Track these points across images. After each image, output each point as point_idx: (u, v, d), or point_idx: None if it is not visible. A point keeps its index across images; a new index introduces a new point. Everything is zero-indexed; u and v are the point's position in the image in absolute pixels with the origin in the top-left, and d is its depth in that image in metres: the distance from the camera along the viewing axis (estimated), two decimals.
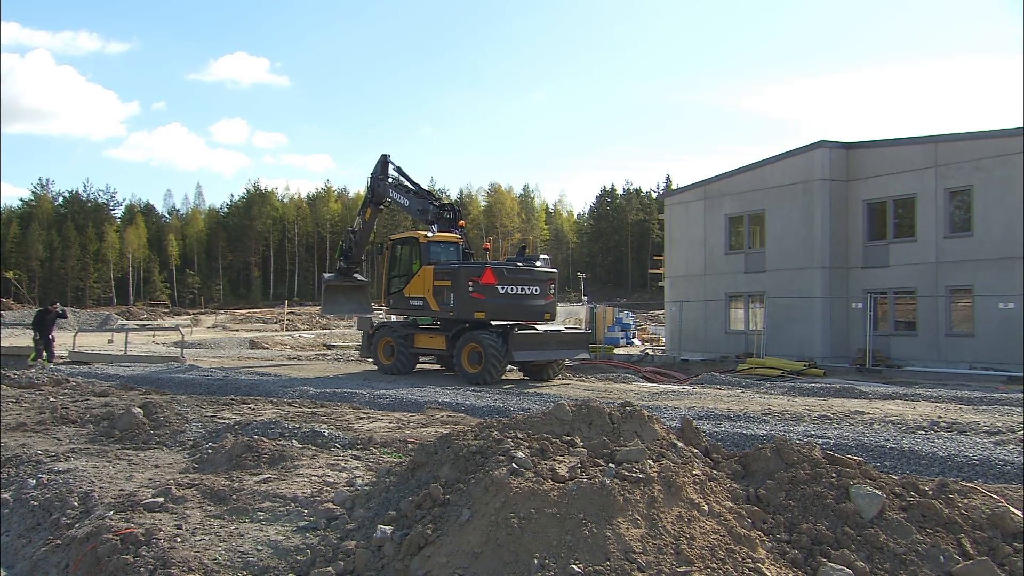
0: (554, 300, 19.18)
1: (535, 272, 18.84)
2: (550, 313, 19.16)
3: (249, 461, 7.40)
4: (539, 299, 18.70)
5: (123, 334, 32.92)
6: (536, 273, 18.84)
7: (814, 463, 5.39)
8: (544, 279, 18.90)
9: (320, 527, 5.55)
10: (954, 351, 23.73)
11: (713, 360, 27.26)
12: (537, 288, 18.71)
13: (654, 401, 14.23)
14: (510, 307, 18.49)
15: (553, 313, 19.29)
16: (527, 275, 18.66)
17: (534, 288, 18.65)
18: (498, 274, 18.26)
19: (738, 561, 4.28)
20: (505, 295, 18.28)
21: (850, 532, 4.73)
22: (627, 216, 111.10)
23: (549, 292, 18.94)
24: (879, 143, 26.56)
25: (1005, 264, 22.67)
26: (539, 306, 18.80)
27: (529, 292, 18.60)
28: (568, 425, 6.03)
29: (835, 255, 26.59)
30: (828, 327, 26.38)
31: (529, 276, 18.66)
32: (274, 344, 35.41)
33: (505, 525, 4.42)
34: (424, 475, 5.78)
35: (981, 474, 8.08)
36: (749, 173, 29.15)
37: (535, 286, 18.65)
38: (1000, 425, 10.98)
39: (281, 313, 62.54)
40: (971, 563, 4.40)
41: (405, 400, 14.01)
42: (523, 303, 18.56)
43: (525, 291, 18.54)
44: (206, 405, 12.11)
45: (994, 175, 22.99)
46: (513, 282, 18.37)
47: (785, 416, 12.20)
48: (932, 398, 15.26)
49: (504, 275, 18.31)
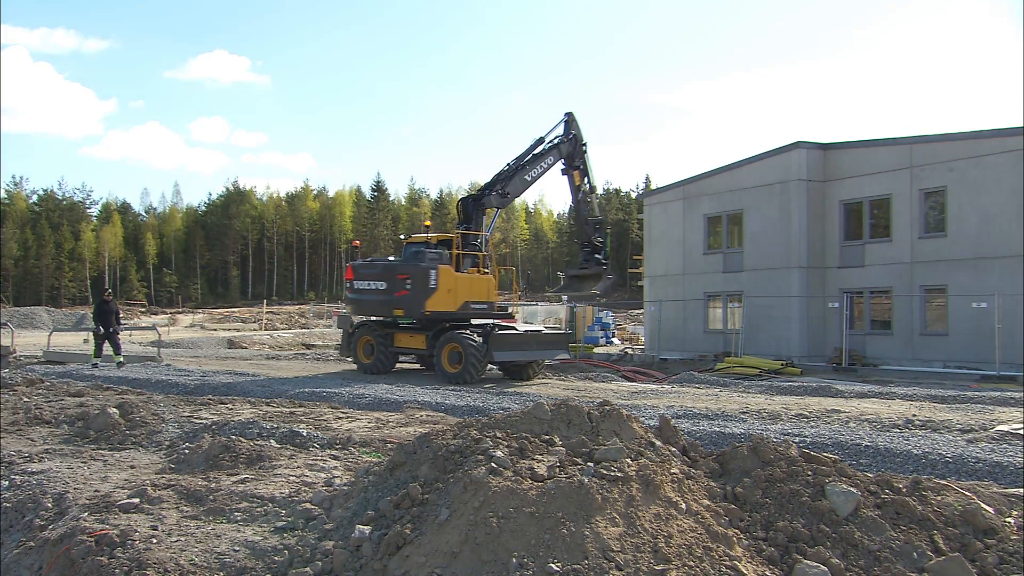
0: (410, 295, 18.30)
1: (383, 266, 19.13)
2: (403, 309, 18.54)
3: (226, 461, 7.35)
4: (386, 294, 18.55)
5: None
6: (383, 268, 19.03)
7: (790, 461, 5.43)
8: (394, 273, 18.57)
9: (298, 527, 5.52)
10: (928, 350, 24.03)
11: (692, 359, 27.42)
12: (384, 283, 18.67)
13: (633, 400, 14.29)
14: (364, 301, 19.20)
15: (409, 309, 18.51)
16: (373, 270, 19.15)
17: (380, 283, 18.76)
18: (355, 270, 19.43)
19: (715, 559, 4.31)
20: (361, 290, 19.05)
21: (826, 530, 4.77)
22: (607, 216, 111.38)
23: (400, 287, 18.38)
24: (855, 144, 26.84)
25: (978, 264, 22.98)
26: (386, 300, 18.60)
27: (375, 287, 18.85)
28: (547, 424, 6.04)
29: (812, 255, 26.83)
30: (805, 326, 26.62)
31: (375, 271, 19.06)
32: (252, 344, 35.16)
33: (484, 524, 4.42)
34: (403, 475, 5.77)
35: (954, 471, 8.19)
36: (727, 173, 29.36)
37: (381, 281, 18.74)
38: (973, 423, 11.13)
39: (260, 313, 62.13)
40: (943, 560, 4.46)
41: (384, 399, 13.97)
42: (371, 297, 18.98)
43: (372, 286, 18.93)
44: (183, 405, 12.01)
45: (967, 176, 23.30)
46: (365, 277, 19.11)
47: (762, 415, 12.30)
48: (907, 396, 15.45)
49: (358, 271, 19.32)
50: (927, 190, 24.48)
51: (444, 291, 18.58)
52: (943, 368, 22.77)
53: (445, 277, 18.61)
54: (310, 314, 60.43)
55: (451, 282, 18.71)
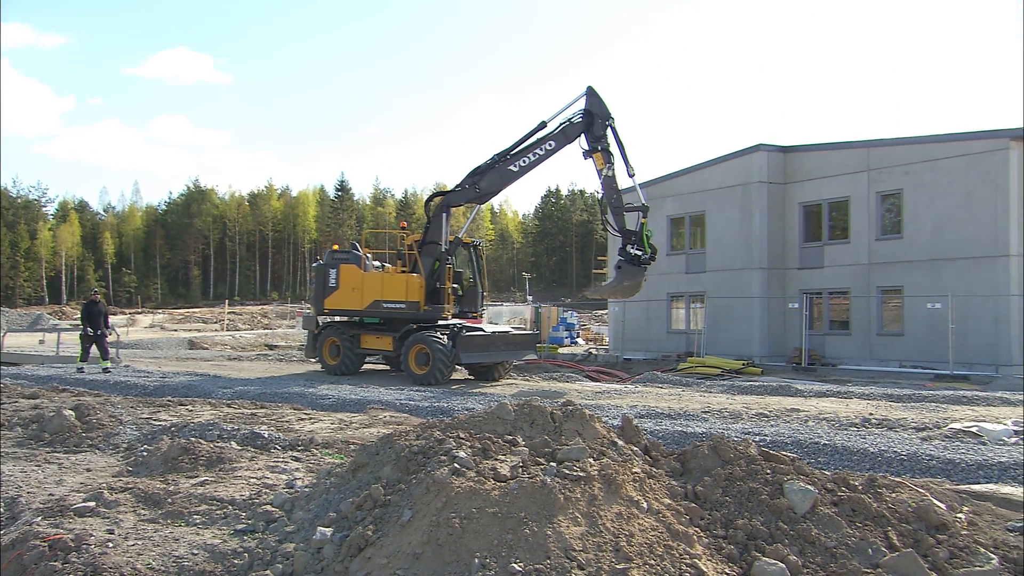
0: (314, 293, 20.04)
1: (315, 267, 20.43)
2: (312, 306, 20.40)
3: (186, 464, 7.25)
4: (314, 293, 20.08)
5: (55, 334, 31.90)
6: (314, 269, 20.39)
7: (750, 460, 5.51)
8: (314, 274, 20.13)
9: (258, 530, 5.47)
10: (885, 350, 24.49)
11: (655, 359, 27.63)
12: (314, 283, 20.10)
13: (597, 400, 14.37)
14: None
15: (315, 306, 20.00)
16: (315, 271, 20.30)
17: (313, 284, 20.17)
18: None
19: (675, 557, 4.35)
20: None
21: (784, 527, 4.84)
22: (571, 217, 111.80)
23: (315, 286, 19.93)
24: (814, 147, 27.27)
25: (932, 266, 23.49)
26: (312, 299, 20.30)
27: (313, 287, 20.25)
28: (510, 424, 6.05)
29: (772, 256, 27.20)
30: (766, 326, 26.97)
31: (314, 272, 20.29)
32: (214, 344, 34.69)
33: (446, 525, 4.42)
34: (365, 476, 5.74)
35: (909, 469, 8.37)
36: (690, 175, 29.64)
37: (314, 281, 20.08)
38: (927, 421, 11.38)
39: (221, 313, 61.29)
40: (897, 555, 4.56)
41: (347, 400, 13.89)
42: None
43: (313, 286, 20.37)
44: (141, 407, 11.82)
45: (923, 179, 23.80)
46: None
47: (724, 414, 12.44)
48: (864, 395, 15.74)
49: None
50: (884, 193, 24.96)
51: (348, 290, 19.15)
52: (899, 367, 23.22)
53: (348, 276, 19.14)
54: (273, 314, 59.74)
55: (356, 281, 19.06)
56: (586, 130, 17.40)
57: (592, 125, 17.33)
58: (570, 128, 17.56)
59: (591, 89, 17.55)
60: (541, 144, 17.91)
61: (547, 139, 17.83)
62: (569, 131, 17.58)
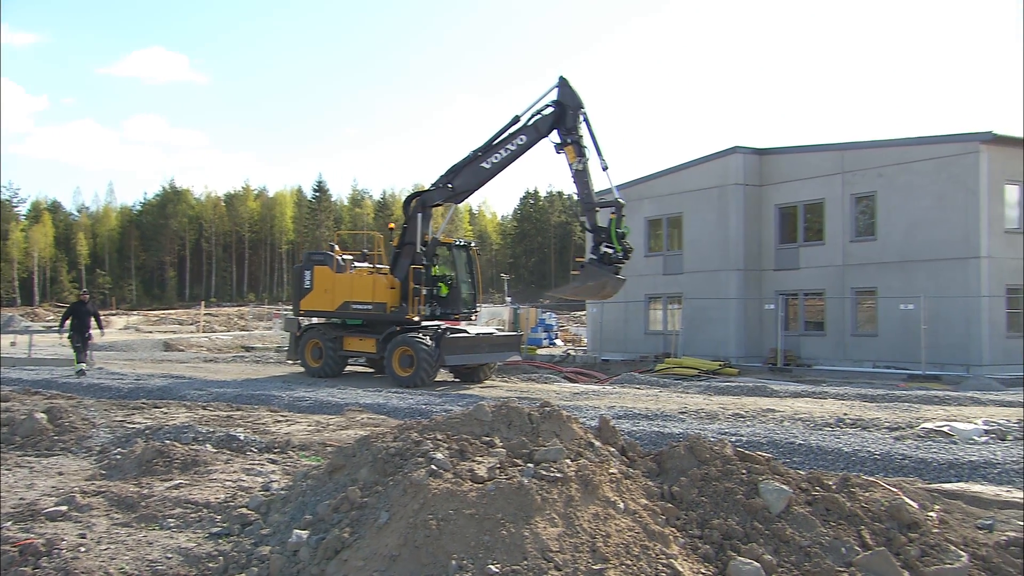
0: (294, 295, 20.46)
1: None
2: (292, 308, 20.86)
3: (160, 467, 7.19)
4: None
5: (27, 336, 31.47)
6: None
7: (725, 460, 5.55)
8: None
9: (234, 533, 5.43)
10: (859, 350, 24.77)
11: (633, 360, 27.74)
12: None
13: (575, 401, 14.40)
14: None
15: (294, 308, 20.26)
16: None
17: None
18: None
19: (652, 557, 4.37)
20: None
21: (759, 526, 4.88)
22: (550, 218, 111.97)
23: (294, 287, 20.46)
24: (790, 149, 27.55)
25: (905, 267, 23.80)
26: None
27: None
28: (488, 426, 6.05)
29: (749, 258, 27.42)
30: (742, 327, 27.18)
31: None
32: (189, 346, 34.38)
33: (423, 527, 4.41)
34: (342, 478, 5.72)
35: (882, 468, 8.47)
36: (667, 177, 29.81)
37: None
38: (900, 421, 11.52)
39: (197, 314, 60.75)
40: (870, 554, 4.61)
41: (325, 402, 13.82)
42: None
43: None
44: (115, 409, 11.69)
45: (896, 182, 24.10)
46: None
47: (701, 415, 12.52)
48: (838, 396, 15.90)
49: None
50: (858, 195, 25.25)
51: (321, 291, 19.17)
52: (873, 368, 23.49)
53: (321, 277, 19.19)
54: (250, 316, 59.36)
55: (328, 282, 19.06)
56: (558, 122, 16.66)
57: (564, 117, 16.60)
58: (541, 121, 16.89)
59: (563, 80, 16.87)
60: (513, 139, 17.36)
61: (519, 133, 17.28)
62: (540, 124, 16.91)
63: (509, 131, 17.43)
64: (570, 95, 16.69)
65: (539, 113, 16.99)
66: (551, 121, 16.77)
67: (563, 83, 16.84)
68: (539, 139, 17.09)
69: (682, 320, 28.48)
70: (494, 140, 17.66)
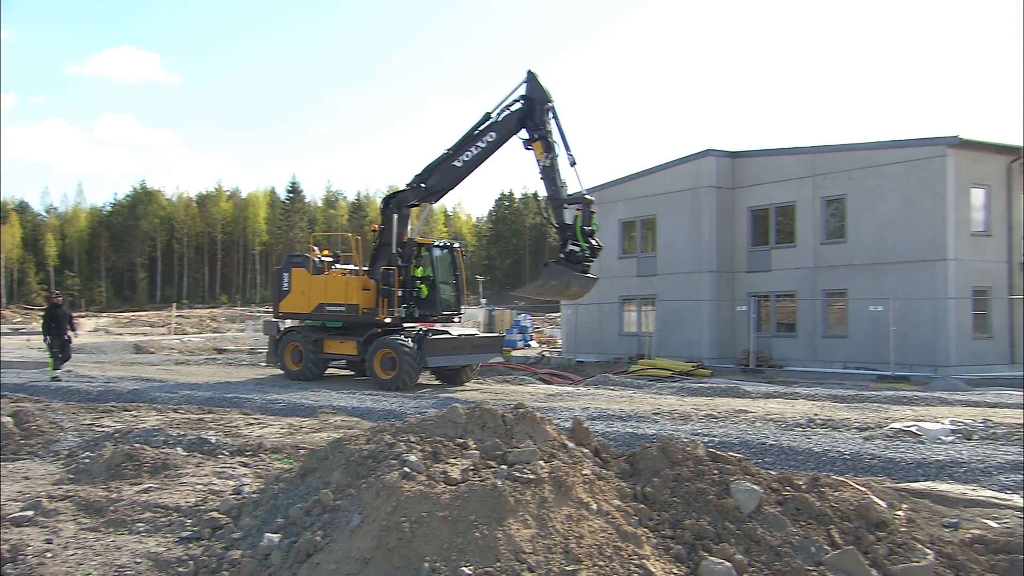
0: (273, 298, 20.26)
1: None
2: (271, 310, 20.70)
3: (129, 470, 7.10)
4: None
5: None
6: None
7: (697, 461, 5.58)
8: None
9: (204, 537, 5.38)
10: (830, 351, 25.06)
11: (607, 361, 27.86)
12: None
13: (549, 402, 14.42)
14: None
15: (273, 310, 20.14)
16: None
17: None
18: None
19: (624, 558, 4.39)
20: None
21: (730, 526, 4.92)
22: (525, 220, 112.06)
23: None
24: (761, 153, 27.82)
25: (875, 269, 24.12)
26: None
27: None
28: (461, 428, 6.04)
29: (721, 260, 27.64)
30: (715, 329, 27.39)
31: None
32: (161, 348, 33.97)
33: (396, 529, 4.40)
34: (314, 481, 5.69)
35: (851, 468, 8.57)
36: (641, 179, 29.98)
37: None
38: (869, 421, 11.67)
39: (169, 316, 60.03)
40: (839, 552, 4.66)
41: (298, 405, 13.72)
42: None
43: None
44: (84, 413, 11.54)
45: (865, 185, 24.43)
46: None
47: (674, 415, 12.60)
48: (809, 396, 16.06)
49: None
50: (828, 198, 25.55)
51: (298, 293, 19.12)
52: (843, 369, 23.78)
53: (298, 280, 19.13)
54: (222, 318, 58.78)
55: (305, 284, 19.00)
56: (526, 117, 16.51)
57: (532, 112, 16.41)
58: (509, 116, 16.76)
59: (531, 74, 16.68)
60: (483, 136, 17.21)
61: (488, 130, 17.14)
62: (509, 119, 16.78)
63: (480, 128, 17.37)
64: (538, 90, 16.54)
65: (508, 109, 16.86)
66: (519, 116, 16.65)
67: (531, 78, 16.69)
68: (509, 135, 16.95)
69: (656, 321, 28.65)
70: (466, 138, 17.59)
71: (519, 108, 16.66)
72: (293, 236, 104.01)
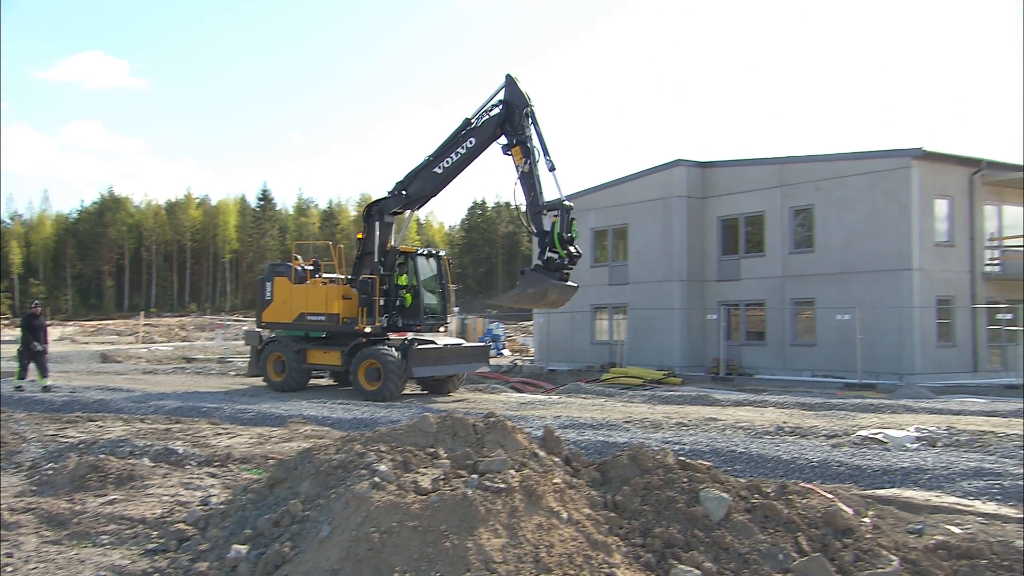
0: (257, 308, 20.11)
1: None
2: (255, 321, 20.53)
3: (94, 482, 6.99)
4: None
5: None
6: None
7: (667, 469, 5.62)
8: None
9: (170, 549, 5.31)
10: (799, 360, 25.33)
11: (579, 370, 27.90)
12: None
13: (521, 411, 14.43)
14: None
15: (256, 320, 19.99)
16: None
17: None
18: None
19: (595, 567, 4.41)
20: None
21: (699, 534, 4.96)
22: (497, 228, 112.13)
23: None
24: (731, 163, 28.13)
25: (842, 279, 24.45)
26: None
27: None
28: (432, 437, 6.04)
29: (692, 268, 27.87)
30: (686, 337, 27.58)
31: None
32: (128, 358, 33.46)
33: (365, 540, 4.37)
34: (283, 491, 5.64)
35: (819, 475, 8.67)
36: (613, 189, 30.16)
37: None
38: (837, 429, 11.82)
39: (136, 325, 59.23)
40: (806, 560, 4.72)
41: (268, 414, 13.60)
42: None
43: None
44: (47, 423, 11.34)
45: (832, 196, 24.78)
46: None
47: (645, 424, 12.66)
48: (779, 404, 16.24)
49: None
50: (796, 208, 25.88)
51: (280, 302, 18.85)
52: (811, 377, 24.04)
53: (280, 289, 18.90)
54: (191, 326, 58.07)
55: (287, 294, 18.78)
56: (504, 122, 16.36)
57: (511, 116, 16.28)
58: (489, 121, 16.64)
59: (510, 78, 16.55)
60: (463, 142, 17.11)
61: (468, 136, 17.03)
62: (488, 125, 16.66)
63: (460, 134, 17.28)
64: (517, 94, 16.41)
65: (487, 114, 16.76)
66: (498, 121, 16.52)
67: (510, 82, 16.57)
68: (488, 140, 16.86)
69: (627, 330, 28.79)
70: (446, 144, 17.48)
71: (498, 113, 16.55)
72: (264, 244, 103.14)
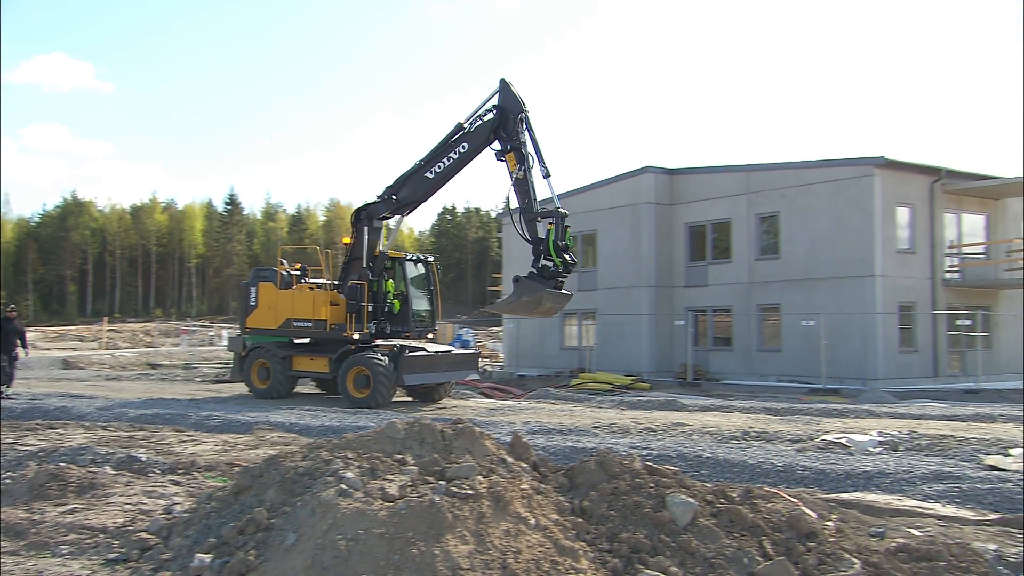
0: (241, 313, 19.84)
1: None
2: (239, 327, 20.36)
3: (54, 491, 6.86)
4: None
5: None
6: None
7: (634, 474, 5.65)
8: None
9: (132, 559, 5.23)
10: (765, 365, 25.63)
11: (549, 375, 27.97)
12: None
13: (490, 417, 14.42)
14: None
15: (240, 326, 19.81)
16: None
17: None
18: None
19: (562, 573, 4.42)
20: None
21: (666, 539, 4.99)
22: (467, 234, 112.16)
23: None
24: (698, 170, 28.43)
25: (806, 285, 24.80)
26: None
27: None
28: (400, 443, 6.01)
29: (660, 275, 28.08)
30: (654, 343, 27.77)
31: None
32: (91, 364, 32.91)
33: (332, 548, 4.35)
34: (249, 499, 5.58)
35: (784, 479, 8.77)
36: (582, 195, 30.29)
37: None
38: (801, 433, 11.97)
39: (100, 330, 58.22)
40: (771, 563, 4.77)
41: (234, 421, 13.45)
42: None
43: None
44: (6, 431, 11.11)
45: (797, 203, 25.15)
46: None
47: (613, 429, 12.72)
48: (745, 409, 16.39)
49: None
50: (762, 215, 26.22)
51: (265, 308, 18.48)
52: (777, 382, 24.33)
53: (266, 294, 18.53)
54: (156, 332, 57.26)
55: (272, 299, 18.40)
56: (499, 127, 16.11)
57: (505, 122, 16.02)
58: (482, 127, 16.34)
59: (504, 83, 16.27)
60: (455, 147, 16.81)
61: (461, 141, 16.72)
62: (481, 130, 16.37)
63: (452, 139, 17.03)
64: (511, 99, 16.19)
65: (480, 119, 16.49)
66: (492, 126, 16.26)
67: (504, 87, 16.30)
68: (481, 146, 16.62)
69: (596, 336, 28.92)
70: (438, 149, 17.22)
71: (492, 118, 16.28)
72: (231, 249, 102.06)
